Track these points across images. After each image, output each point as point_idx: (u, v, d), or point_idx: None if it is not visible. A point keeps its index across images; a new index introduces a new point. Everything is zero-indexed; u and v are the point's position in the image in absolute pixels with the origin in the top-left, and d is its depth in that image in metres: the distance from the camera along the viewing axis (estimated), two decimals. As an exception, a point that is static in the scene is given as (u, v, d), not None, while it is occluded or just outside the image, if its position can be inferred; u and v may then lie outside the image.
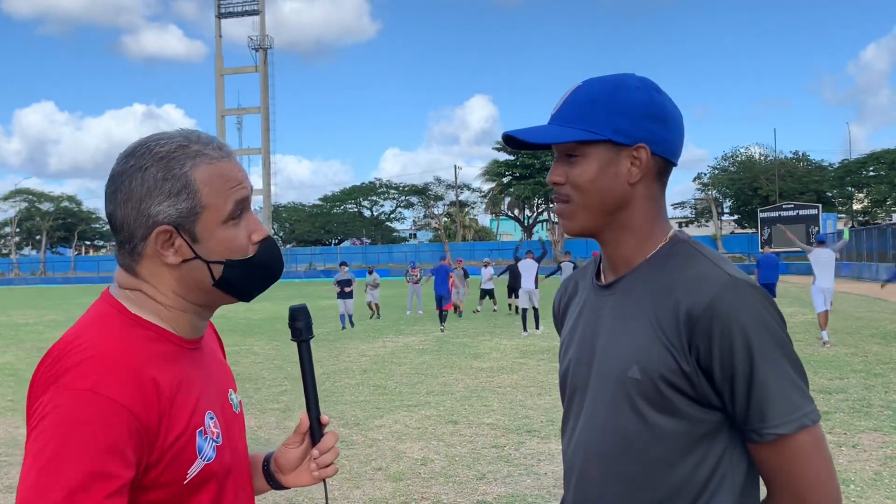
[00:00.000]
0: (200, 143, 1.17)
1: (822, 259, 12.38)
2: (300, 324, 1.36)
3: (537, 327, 15.80)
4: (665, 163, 1.29)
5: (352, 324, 18.17)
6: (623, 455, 1.24)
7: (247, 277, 1.20)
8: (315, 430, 1.35)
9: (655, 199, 1.30)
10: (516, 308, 20.02)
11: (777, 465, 1.17)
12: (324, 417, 1.36)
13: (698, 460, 1.20)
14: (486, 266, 21.92)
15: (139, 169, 1.14)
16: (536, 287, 16.00)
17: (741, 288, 1.17)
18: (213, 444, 1.16)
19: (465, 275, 21.59)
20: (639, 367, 1.21)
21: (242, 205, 1.19)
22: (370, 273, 21.19)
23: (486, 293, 21.60)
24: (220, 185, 1.16)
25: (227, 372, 1.34)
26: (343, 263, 19.19)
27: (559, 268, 19.70)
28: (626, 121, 1.25)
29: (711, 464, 1.20)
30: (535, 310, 15.82)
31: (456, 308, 20.59)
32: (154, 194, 1.13)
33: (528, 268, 16.11)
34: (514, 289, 19.65)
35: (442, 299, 17.90)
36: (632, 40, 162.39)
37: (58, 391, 1.04)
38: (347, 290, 17.94)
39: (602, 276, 1.38)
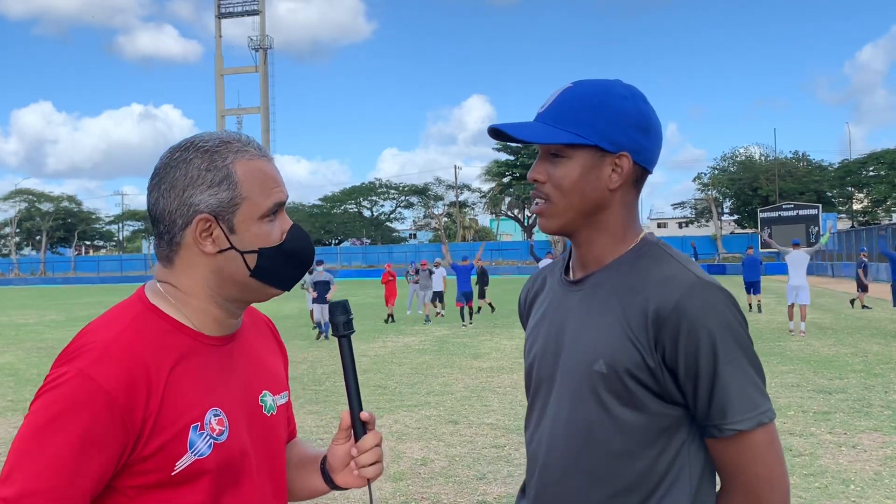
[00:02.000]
0: (241, 142, 1.23)
1: (796, 260, 14.20)
2: (340, 319, 1.35)
3: None
4: (642, 170, 1.34)
5: (326, 336, 15.48)
6: (585, 446, 1.28)
7: (280, 264, 1.23)
8: (356, 427, 1.33)
9: (631, 204, 1.35)
10: (486, 307, 20.96)
11: (733, 459, 1.24)
12: (364, 414, 1.33)
13: (658, 452, 1.25)
14: (437, 266, 20.62)
15: (184, 161, 1.19)
16: None
17: (707, 289, 1.22)
18: (211, 440, 1.16)
19: (431, 275, 20.40)
20: (604, 360, 1.25)
21: (279, 206, 1.23)
22: (317, 265, 16.74)
23: (437, 296, 20.27)
24: (259, 181, 1.21)
25: (266, 373, 1.33)
26: (319, 262, 16.80)
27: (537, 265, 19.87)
28: (613, 128, 1.29)
29: (670, 456, 1.25)
30: None
31: (426, 314, 19.75)
32: (196, 183, 1.18)
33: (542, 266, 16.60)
34: (483, 290, 20.74)
35: (464, 296, 18.30)
36: (629, 39, 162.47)
37: (59, 367, 1.11)
38: (326, 294, 15.67)
39: (571, 273, 1.41)
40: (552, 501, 1.32)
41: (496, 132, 1.33)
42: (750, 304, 19.09)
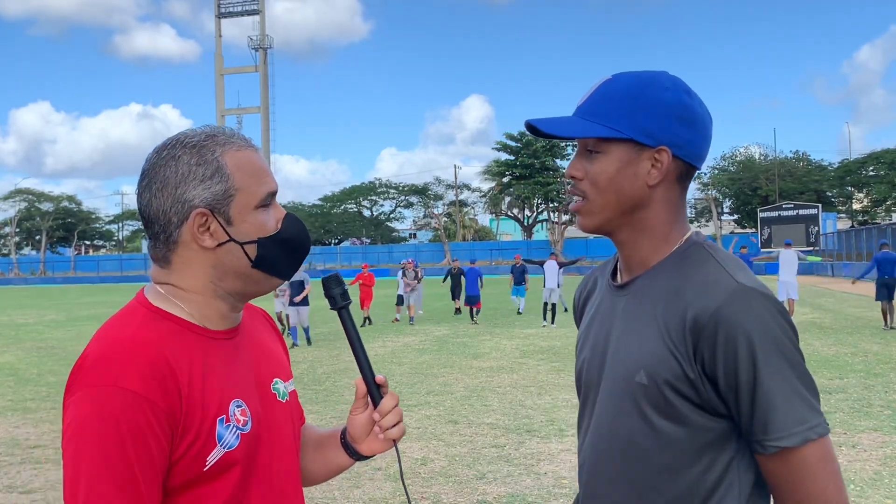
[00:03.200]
0: (226, 135, 1.23)
1: (787, 259, 15.78)
2: (335, 291, 1.36)
3: (552, 322, 17.03)
4: (687, 166, 1.26)
5: (308, 340, 14.58)
6: (628, 459, 1.23)
7: (279, 253, 1.23)
8: (373, 393, 1.34)
9: (674, 202, 1.28)
10: (463, 311, 20.52)
11: (782, 477, 1.15)
12: (379, 377, 1.35)
13: (705, 468, 1.18)
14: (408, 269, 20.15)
15: (172, 158, 1.18)
16: (559, 286, 17.60)
17: (749, 296, 1.14)
18: (238, 431, 1.17)
19: (416, 276, 19.74)
20: (645, 372, 1.20)
21: (272, 196, 1.24)
22: None
23: (400, 298, 19.68)
24: (249, 172, 1.21)
25: (273, 361, 1.34)
26: None
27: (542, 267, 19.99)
28: (651, 121, 1.22)
29: (718, 472, 1.18)
30: (553, 305, 17.23)
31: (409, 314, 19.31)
32: (188, 179, 1.17)
33: (550, 268, 17.82)
34: (456, 293, 20.89)
35: (471, 298, 18.96)
36: (626, 38, 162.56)
37: (84, 390, 1.08)
38: (298, 298, 14.40)
39: (618, 276, 1.36)
40: None
41: (533, 127, 1.29)
42: None
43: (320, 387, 9.69)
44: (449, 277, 21.35)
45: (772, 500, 1.23)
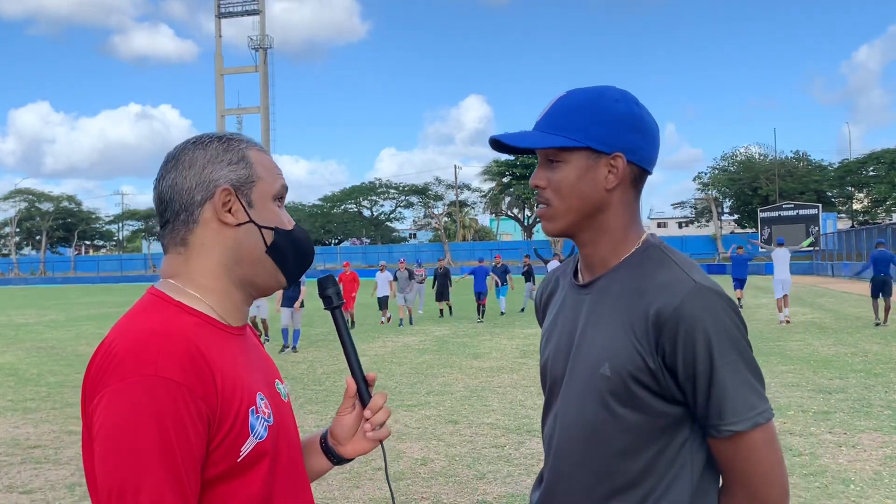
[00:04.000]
0: (246, 138, 1.31)
1: (780, 257, 16.86)
2: (330, 291, 1.41)
3: None
4: (640, 171, 1.37)
5: (294, 347, 13.59)
6: (590, 445, 1.33)
7: (290, 250, 1.28)
8: (363, 392, 1.38)
9: (630, 204, 1.39)
10: (446, 310, 20.58)
11: (732, 458, 1.27)
12: (370, 375, 1.40)
13: (659, 450, 1.29)
14: (381, 270, 19.30)
15: (202, 145, 1.25)
16: None
17: (706, 294, 1.26)
18: (265, 423, 1.18)
19: (410, 276, 19.28)
20: (609, 364, 1.30)
21: (284, 192, 1.31)
22: None
23: (381, 301, 19.03)
24: (267, 167, 1.28)
25: (271, 363, 1.37)
26: None
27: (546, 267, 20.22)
28: (605, 130, 1.33)
29: (672, 453, 1.30)
30: None
31: (389, 318, 18.66)
32: (216, 161, 1.24)
33: (553, 267, 17.49)
34: (442, 294, 20.34)
35: (480, 295, 19.34)
36: (625, 39, 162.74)
37: (123, 381, 1.05)
38: (297, 304, 13.57)
39: (580, 276, 1.46)
40: (561, 496, 1.38)
41: (497, 143, 1.39)
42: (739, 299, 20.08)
43: (320, 387, 9.69)
44: (435, 279, 20.67)
45: (720, 478, 1.34)
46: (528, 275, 21.76)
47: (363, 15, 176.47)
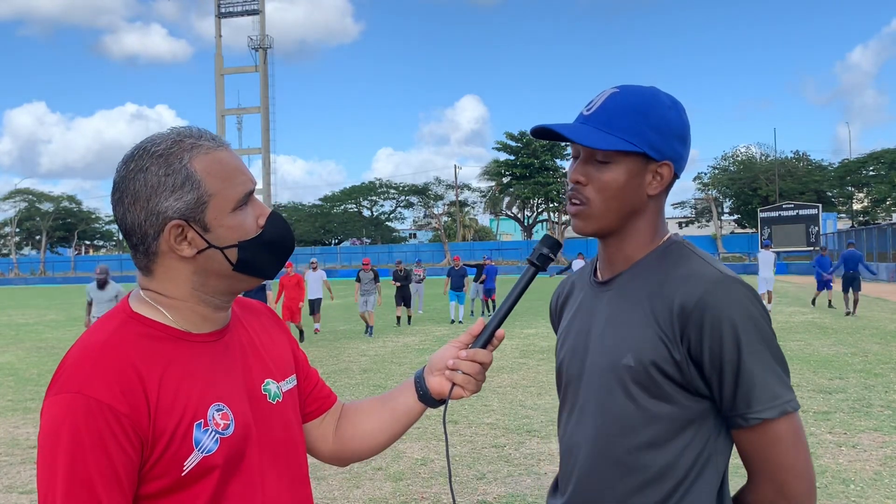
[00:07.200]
0: (193, 137, 1.20)
1: (764, 258, 19.06)
2: (546, 251, 1.43)
3: None
4: (675, 177, 1.39)
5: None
6: (614, 437, 1.32)
7: (261, 255, 1.23)
8: (485, 337, 1.42)
9: (662, 207, 1.41)
10: (407, 319, 18.47)
11: (758, 448, 1.27)
12: (500, 332, 1.43)
13: (685, 444, 1.29)
14: (314, 269, 16.53)
15: (140, 170, 1.17)
16: None
17: (730, 284, 1.26)
18: (217, 435, 1.16)
19: (376, 277, 16.65)
20: (633, 354, 1.30)
21: (248, 196, 1.22)
22: None
23: (312, 305, 16.23)
24: (221, 175, 1.18)
25: (267, 360, 1.32)
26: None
27: (570, 266, 20.28)
28: (660, 137, 1.33)
29: (698, 448, 1.29)
30: None
31: (366, 323, 16.16)
32: (159, 191, 1.15)
33: (579, 267, 17.64)
34: (404, 298, 18.12)
35: (489, 292, 20.08)
36: (619, 39, 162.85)
37: (53, 396, 1.10)
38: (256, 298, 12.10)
39: (599, 274, 1.45)
40: (586, 493, 1.36)
41: (543, 131, 1.35)
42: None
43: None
44: (395, 280, 18.26)
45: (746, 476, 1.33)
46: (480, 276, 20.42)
47: (356, 15, 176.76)
